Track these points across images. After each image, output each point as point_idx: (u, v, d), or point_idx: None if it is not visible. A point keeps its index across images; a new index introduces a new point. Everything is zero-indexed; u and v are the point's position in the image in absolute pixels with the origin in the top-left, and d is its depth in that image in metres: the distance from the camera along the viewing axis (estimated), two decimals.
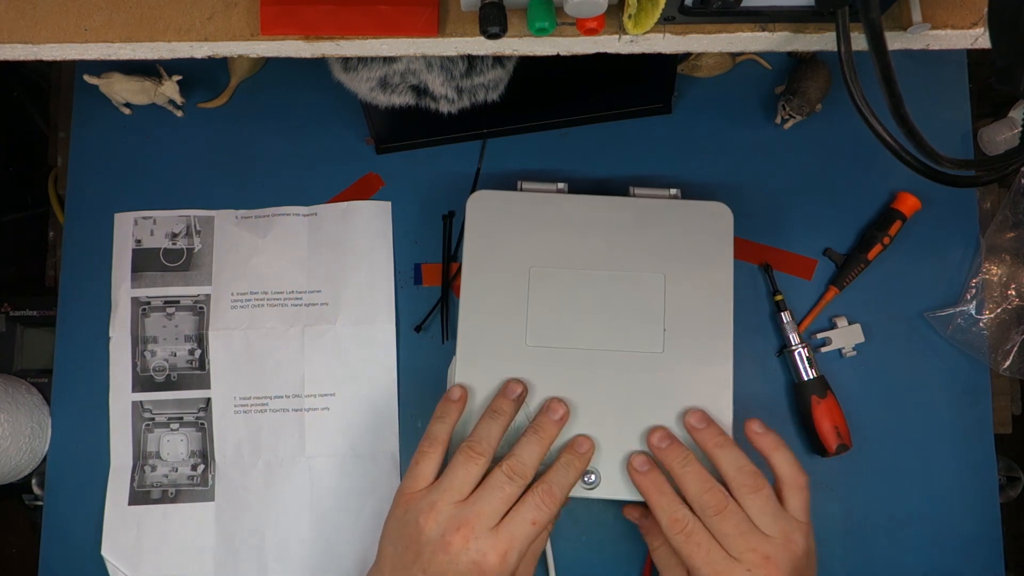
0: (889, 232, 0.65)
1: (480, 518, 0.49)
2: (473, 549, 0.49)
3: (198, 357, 0.65)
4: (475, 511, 0.50)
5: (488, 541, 0.49)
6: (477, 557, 0.48)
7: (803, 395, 0.62)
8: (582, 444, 0.55)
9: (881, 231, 0.65)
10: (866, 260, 0.65)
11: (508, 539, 0.49)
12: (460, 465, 0.51)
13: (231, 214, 0.67)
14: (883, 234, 0.65)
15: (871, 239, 0.65)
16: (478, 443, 0.52)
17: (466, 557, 0.48)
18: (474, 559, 0.48)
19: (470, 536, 0.49)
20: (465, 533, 0.49)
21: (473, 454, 0.52)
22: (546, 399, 0.56)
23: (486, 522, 0.49)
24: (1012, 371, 0.65)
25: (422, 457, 0.53)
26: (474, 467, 0.51)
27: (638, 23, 0.43)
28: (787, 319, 0.64)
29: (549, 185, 0.62)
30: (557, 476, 0.53)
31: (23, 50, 0.47)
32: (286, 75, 0.69)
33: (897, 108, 0.39)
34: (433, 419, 0.55)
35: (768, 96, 0.69)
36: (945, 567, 0.63)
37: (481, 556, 0.48)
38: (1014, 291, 0.66)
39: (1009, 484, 0.73)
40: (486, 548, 0.49)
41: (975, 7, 0.46)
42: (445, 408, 0.55)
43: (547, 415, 0.55)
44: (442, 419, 0.55)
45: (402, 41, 0.47)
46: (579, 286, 0.59)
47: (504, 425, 0.54)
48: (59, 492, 0.65)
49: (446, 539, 0.49)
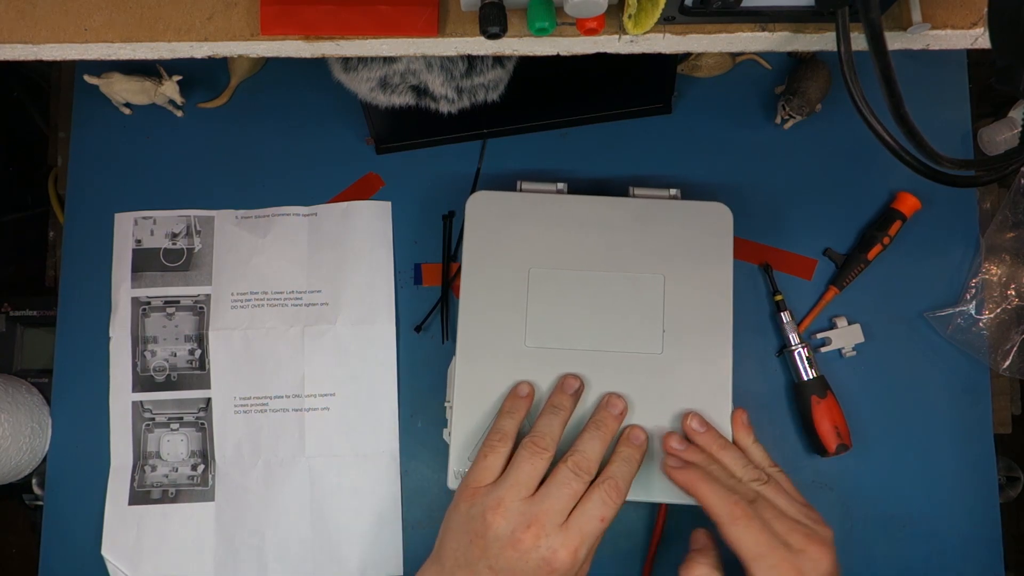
0: (889, 232, 0.65)
1: (549, 515, 0.50)
2: (544, 546, 0.49)
3: (198, 357, 0.65)
4: (544, 508, 0.50)
5: (558, 538, 0.49)
6: (548, 554, 0.49)
7: (803, 395, 0.62)
8: (638, 436, 0.56)
9: (881, 231, 0.65)
10: (866, 260, 0.65)
11: (578, 535, 0.50)
12: (525, 460, 0.52)
13: (231, 214, 0.67)
14: (883, 234, 0.65)
15: (871, 239, 0.65)
16: (541, 438, 0.53)
17: (536, 554, 0.49)
18: (544, 556, 0.49)
19: (540, 533, 0.49)
20: (536, 531, 0.49)
21: (537, 449, 0.52)
22: (604, 394, 0.57)
23: (555, 519, 0.50)
24: (1012, 371, 0.65)
25: (490, 451, 0.53)
26: (539, 462, 0.52)
27: (638, 23, 0.43)
28: (787, 319, 0.64)
29: (549, 185, 0.62)
30: (619, 470, 0.53)
31: (23, 50, 0.47)
32: (286, 75, 0.69)
33: (897, 108, 0.39)
34: (501, 414, 0.55)
35: (768, 96, 0.69)
36: (945, 567, 0.63)
37: (552, 553, 0.49)
38: (1014, 291, 0.66)
39: (1009, 484, 0.73)
40: (556, 545, 0.49)
41: (975, 7, 0.46)
42: (514, 404, 0.56)
43: (607, 410, 0.56)
44: (511, 414, 0.55)
45: (402, 41, 0.47)
46: (579, 287, 0.59)
47: (564, 420, 0.55)
48: (59, 492, 0.65)
49: (516, 536, 0.49)
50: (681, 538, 0.63)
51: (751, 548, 0.50)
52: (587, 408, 0.57)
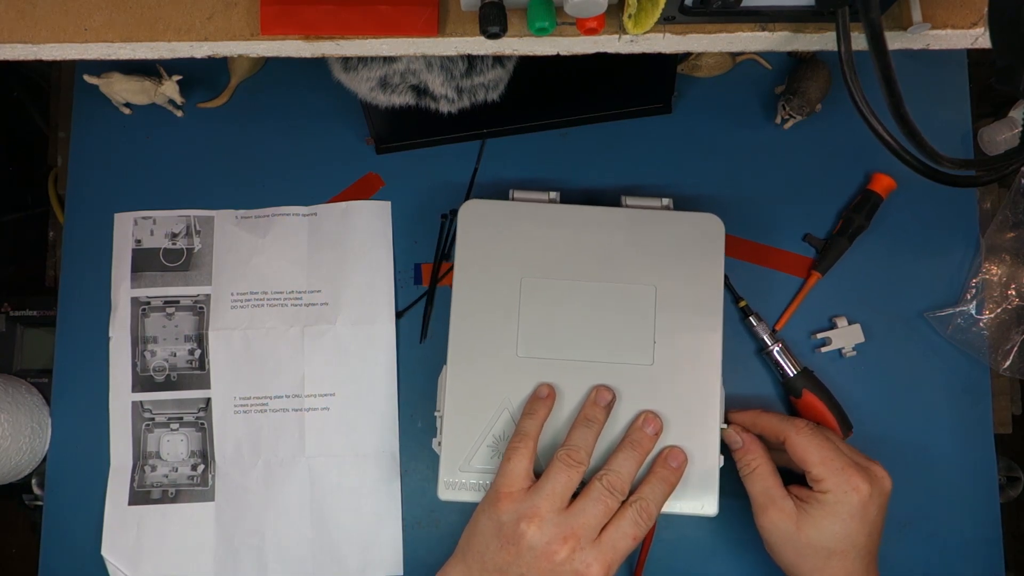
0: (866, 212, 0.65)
1: (585, 530, 0.51)
2: (578, 560, 0.50)
3: (198, 357, 0.65)
4: (580, 523, 0.51)
5: (593, 553, 0.50)
6: (582, 568, 0.50)
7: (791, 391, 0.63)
8: (677, 456, 0.56)
9: (858, 212, 0.65)
10: (846, 243, 0.65)
11: (611, 552, 0.50)
12: (561, 472, 0.52)
13: (231, 214, 0.67)
14: (860, 216, 0.64)
15: (849, 221, 0.65)
16: (576, 451, 0.53)
17: (570, 567, 0.50)
18: (578, 569, 0.50)
19: (576, 547, 0.50)
20: (572, 544, 0.50)
21: (572, 462, 0.53)
22: (640, 411, 0.57)
23: (590, 534, 0.51)
24: (1012, 371, 0.65)
25: (514, 453, 0.54)
26: (575, 475, 0.52)
27: (638, 23, 0.43)
28: (755, 323, 0.64)
29: (541, 194, 0.62)
30: (652, 492, 0.54)
31: (23, 50, 0.47)
32: (286, 75, 0.69)
33: (897, 108, 0.39)
34: (523, 415, 0.56)
35: (768, 96, 0.69)
36: (945, 567, 0.63)
37: (586, 567, 0.50)
38: (1014, 291, 0.66)
39: (1009, 484, 0.73)
40: (591, 560, 0.50)
41: (975, 7, 0.46)
42: (534, 405, 0.56)
43: (643, 430, 0.56)
44: (532, 415, 0.56)
45: (402, 41, 0.47)
46: (570, 297, 0.59)
47: (597, 432, 0.55)
48: (59, 492, 0.65)
49: (551, 547, 0.50)
50: (675, 543, 0.63)
51: (817, 453, 0.54)
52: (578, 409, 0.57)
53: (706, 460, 0.57)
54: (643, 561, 0.60)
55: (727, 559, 0.63)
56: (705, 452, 0.57)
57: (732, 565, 0.63)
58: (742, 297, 0.64)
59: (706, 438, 0.57)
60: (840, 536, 0.53)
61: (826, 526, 0.53)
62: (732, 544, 0.63)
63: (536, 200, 0.61)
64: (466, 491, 0.57)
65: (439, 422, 0.58)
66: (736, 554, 0.63)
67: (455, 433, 0.57)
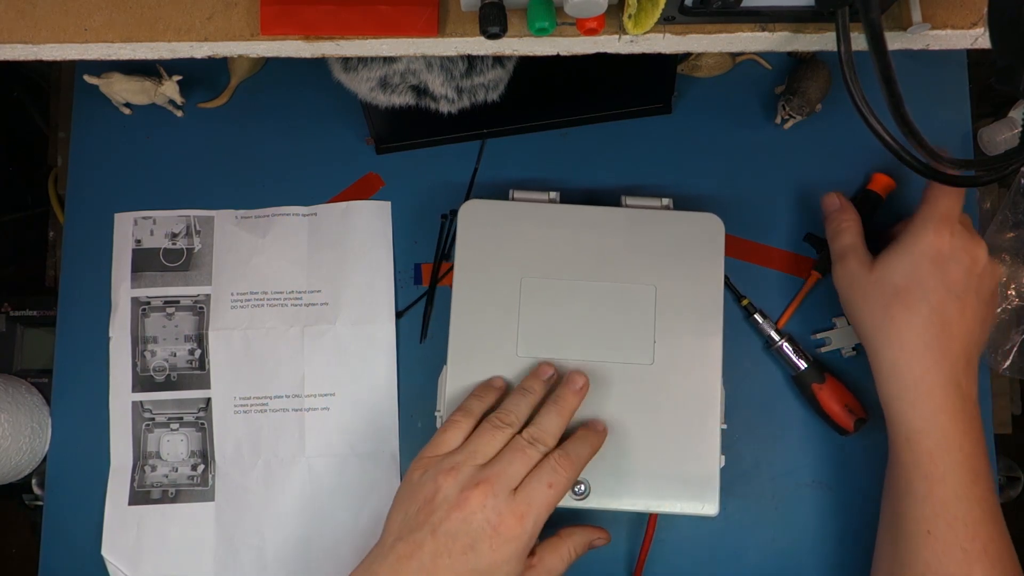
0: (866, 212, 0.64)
1: (501, 478, 0.49)
2: (490, 508, 0.48)
3: (198, 357, 0.65)
4: (496, 471, 0.49)
5: (506, 503, 0.48)
6: (493, 517, 0.48)
7: (804, 386, 0.63)
8: (598, 424, 0.56)
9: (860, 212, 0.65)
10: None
11: (526, 503, 0.49)
12: (486, 432, 0.52)
13: (231, 214, 0.67)
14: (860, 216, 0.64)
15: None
16: (506, 415, 0.53)
17: (482, 516, 0.48)
18: (490, 519, 0.48)
19: (488, 493, 0.48)
20: (484, 489, 0.48)
21: (500, 423, 0.52)
22: (568, 372, 0.56)
23: (507, 483, 0.49)
24: (1012, 371, 0.65)
25: (451, 425, 0.53)
26: (500, 435, 0.51)
27: (638, 23, 0.43)
28: (760, 320, 0.64)
29: (540, 194, 0.62)
30: (574, 446, 0.53)
31: (23, 50, 0.47)
32: (286, 75, 0.69)
33: (897, 108, 0.39)
34: (472, 396, 0.55)
35: (768, 96, 0.69)
36: None
37: (498, 517, 0.48)
38: (1014, 291, 0.66)
39: (1009, 484, 0.73)
40: (504, 509, 0.48)
41: (975, 7, 0.46)
42: (485, 390, 0.56)
43: (568, 387, 0.55)
44: (480, 397, 0.55)
45: (402, 41, 0.47)
46: (570, 297, 0.59)
47: (532, 403, 0.54)
48: (59, 492, 0.65)
49: (464, 495, 0.48)
50: (675, 543, 0.63)
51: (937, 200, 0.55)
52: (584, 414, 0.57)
53: (706, 460, 0.57)
54: (643, 561, 0.60)
55: (727, 559, 0.63)
56: (705, 452, 0.57)
57: (732, 565, 0.63)
58: (744, 295, 0.64)
59: (706, 438, 0.57)
60: (907, 272, 0.53)
61: (895, 261, 0.54)
62: (732, 544, 0.63)
63: (536, 200, 0.61)
64: None
65: (439, 422, 0.58)
66: (736, 554, 0.63)
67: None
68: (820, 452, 0.64)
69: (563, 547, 0.53)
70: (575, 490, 0.56)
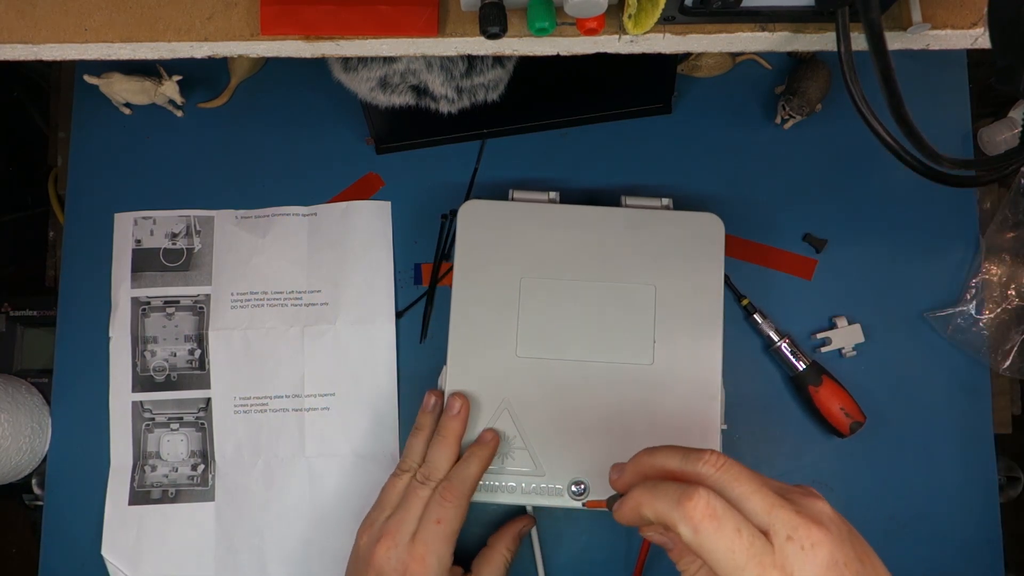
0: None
1: (400, 525, 0.52)
2: (394, 558, 0.51)
3: (198, 357, 0.65)
4: (395, 520, 0.52)
5: (407, 550, 0.51)
6: (399, 567, 0.51)
7: (801, 386, 0.63)
8: (485, 435, 0.57)
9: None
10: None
11: (423, 545, 0.51)
12: (390, 484, 0.55)
13: (231, 214, 0.67)
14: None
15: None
16: (404, 461, 0.56)
17: (389, 567, 0.51)
18: (396, 568, 0.51)
19: (391, 546, 0.52)
20: (386, 543, 0.52)
21: (399, 471, 0.55)
22: (448, 398, 0.57)
23: (406, 530, 0.52)
24: (1012, 371, 0.65)
25: (389, 478, 0.56)
26: (400, 483, 0.55)
27: (638, 23, 0.43)
28: (760, 320, 0.64)
29: (540, 194, 0.62)
30: (458, 471, 0.54)
31: (23, 50, 0.47)
32: (286, 75, 0.69)
33: (897, 108, 0.39)
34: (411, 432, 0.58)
35: (768, 96, 0.69)
36: (945, 567, 0.63)
37: (402, 566, 0.51)
38: (1014, 291, 0.66)
39: (1009, 484, 0.73)
40: (405, 557, 0.51)
41: (975, 7, 0.46)
42: (421, 417, 0.58)
43: (447, 414, 0.57)
44: (418, 430, 0.58)
45: (402, 41, 0.47)
46: (570, 297, 0.59)
47: (425, 439, 0.57)
48: (59, 492, 0.65)
49: (372, 551, 0.52)
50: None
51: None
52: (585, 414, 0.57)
53: None
54: (642, 561, 0.60)
55: None
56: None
57: None
58: (744, 295, 0.64)
59: (706, 438, 0.57)
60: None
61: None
62: None
63: (536, 200, 0.61)
64: None
65: None
66: None
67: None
68: (820, 452, 0.64)
69: (495, 555, 0.57)
70: (573, 490, 0.56)
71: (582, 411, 0.57)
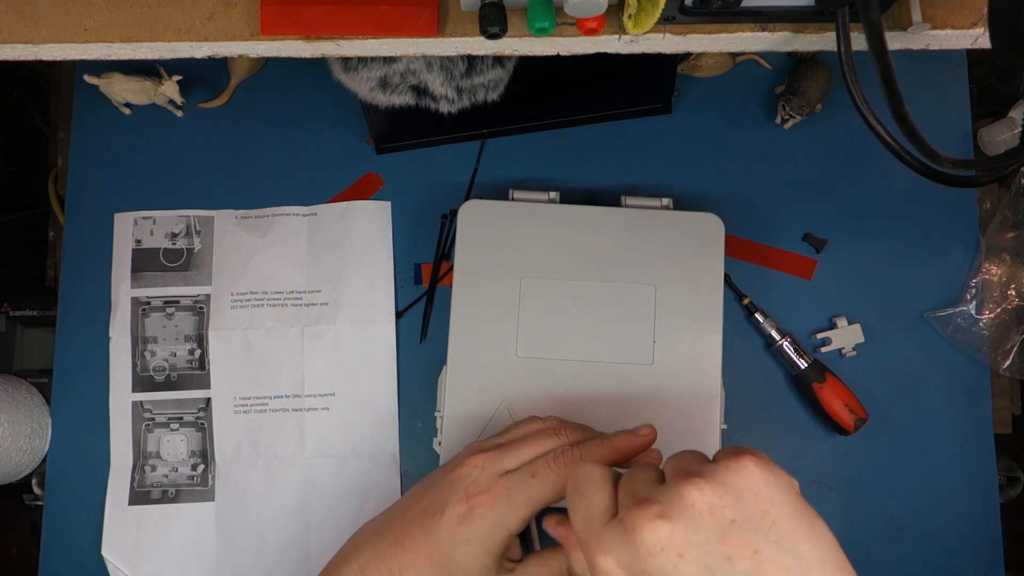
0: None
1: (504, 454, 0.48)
2: (479, 476, 0.47)
3: (198, 357, 0.65)
4: (504, 448, 0.49)
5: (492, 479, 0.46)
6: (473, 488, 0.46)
7: (804, 385, 0.63)
8: (641, 428, 0.49)
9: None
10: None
11: (507, 485, 0.46)
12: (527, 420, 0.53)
13: (231, 214, 0.67)
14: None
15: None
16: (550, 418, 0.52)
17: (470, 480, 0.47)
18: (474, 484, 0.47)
19: (485, 465, 0.47)
20: (483, 460, 0.47)
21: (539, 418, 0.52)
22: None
23: (506, 462, 0.47)
24: (1012, 371, 0.65)
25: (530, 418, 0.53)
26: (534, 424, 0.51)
27: (638, 23, 0.43)
28: (761, 319, 0.64)
29: (540, 194, 0.62)
30: (590, 445, 0.48)
31: (23, 50, 0.47)
32: (286, 75, 0.69)
33: (897, 108, 0.39)
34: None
35: (768, 96, 0.69)
36: (945, 567, 0.63)
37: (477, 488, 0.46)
38: (1014, 291, 0.66)
39: (1009, 484, 0.73)
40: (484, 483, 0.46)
41: (975, 7, 0.46)
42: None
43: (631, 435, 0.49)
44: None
45: (402, 41, 0.47)
46: (570, 297, 0.59)
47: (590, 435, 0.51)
48: (59, 492, 0.65)
49: (468, 458, 0.48)
50: None
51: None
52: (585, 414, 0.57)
53: None
54: None
55: None
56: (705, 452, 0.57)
57: None
58: (745, 294, 0.64)
59: (706, 438, 0.57)
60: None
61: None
62: None
63: (536, 200, 0.61)
64: None
65: (439, 422, 0.58)
66: None
67: (455, 433, 0.57)
68: (820, 452, 0.64)
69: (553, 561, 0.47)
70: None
71: (582, 411, 0.57)
